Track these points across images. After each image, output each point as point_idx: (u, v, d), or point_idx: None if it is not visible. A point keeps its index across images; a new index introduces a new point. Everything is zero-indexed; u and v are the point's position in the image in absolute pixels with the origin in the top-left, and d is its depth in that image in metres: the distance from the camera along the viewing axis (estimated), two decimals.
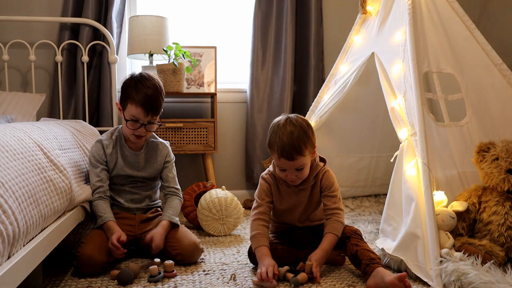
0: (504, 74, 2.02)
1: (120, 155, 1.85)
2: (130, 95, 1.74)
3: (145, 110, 1.73)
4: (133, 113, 1.74)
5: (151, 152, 1.90)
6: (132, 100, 1.73)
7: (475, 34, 2.06)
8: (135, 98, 1.72)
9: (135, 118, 1.74)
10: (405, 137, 1.79)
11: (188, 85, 2.91)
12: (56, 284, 1.54)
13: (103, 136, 1.86)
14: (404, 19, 1.99)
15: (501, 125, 1.95)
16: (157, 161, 1.90)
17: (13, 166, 1.17)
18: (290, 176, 1.62)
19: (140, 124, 1.75)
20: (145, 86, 1.74)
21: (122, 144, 1.86)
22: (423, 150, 1.67)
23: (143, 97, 1.72)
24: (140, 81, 1.75)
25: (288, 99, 2.97)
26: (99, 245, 1.65)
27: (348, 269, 1.69)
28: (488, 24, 3.17)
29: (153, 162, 1.89)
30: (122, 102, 1.79)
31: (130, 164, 1.86)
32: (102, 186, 1.80)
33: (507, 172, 1.72)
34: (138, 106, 1.72)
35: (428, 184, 1.60)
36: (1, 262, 1.01)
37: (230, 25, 3.15)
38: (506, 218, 1.68)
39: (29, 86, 2.76)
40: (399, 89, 1.89)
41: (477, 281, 1.37)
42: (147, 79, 1.76)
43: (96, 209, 1.76)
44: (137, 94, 1.72)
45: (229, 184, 3.00)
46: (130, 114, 1.75)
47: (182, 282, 1.56)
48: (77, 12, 2.74)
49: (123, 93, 1.77)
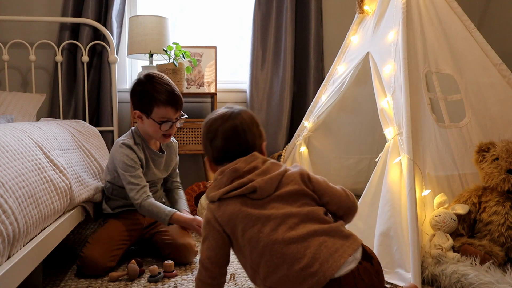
0: (504, 74, 2.02)
1: (150, 159, 1.82)
2: (153, 98, 1.70)
3: (174, 106, 1.72)
4: (163, 114, 1.71)
5: (169, 150, 1.92)
6: (158, 102, 1.69)
7: (474, 34, 2.05)
8: (160, 98, 1.69)
9: (166, 118, 1.72)
10: (391, 137, 1.79)
11: (188, 85, 2.91)
12: (56, 284, 1.54)
13: (127, 140, 1.76)
14: (398, 19, 1.99)
15: (501, 126, 1.95)
16: (173, 158, 1.93)
17: (13, 166, 1.17)
18: None
19: (171, 123, 1.74)
20: (163, 83, 1.71)
21: (149, 147, 1.82)
22: (409, 150, 1.66)
23: (167, 95, 1.70)
24: (154, 82, 1.72)
25: (288, 99, 2.97)
26: (105, 249, 1.65)
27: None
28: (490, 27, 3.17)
29: (171, 160, 1.92)
30: (145, 108, 1.73)
31: (157, 166, 1.86)
32: (146, 186, 1.73)
33: (507, 172, 1.72)
34: (166, 105, 1.70)
35: (412, 183, 1.59)
36: (1, 262, 1.01)
37: (230, 25, 3.15)
38: (506, 218, 1.68)
39: (29, 86, 2.75)
40: (389, 89, 1.89)
41: (477, 281, 1.37)
42: (159, 77, 1.74)
43: (151, 209, 1.69)
44: (160, 94, 1.69)
45: None
46: (160, 117, 1.71)
47: (182, 282, 1.56)
48: (77, 12, 2.74)
49: (142, 99, 1.73)
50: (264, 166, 1.09)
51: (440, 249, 1.57)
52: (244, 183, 1.06)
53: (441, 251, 1.55)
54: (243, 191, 1.05)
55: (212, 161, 1.17)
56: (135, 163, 1.74)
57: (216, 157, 1.15)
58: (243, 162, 1.09)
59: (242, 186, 1.05)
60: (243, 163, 1.09)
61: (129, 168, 1.72)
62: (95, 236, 1.71)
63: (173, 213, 1.69)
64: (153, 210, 1.69)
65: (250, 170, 1.08)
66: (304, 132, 2.71)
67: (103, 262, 1.61)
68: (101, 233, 1.73)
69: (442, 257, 1.52)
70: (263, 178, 1.06)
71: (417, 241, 1.47)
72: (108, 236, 1.71)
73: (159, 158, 1.86)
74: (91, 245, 1.65)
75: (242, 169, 1.08)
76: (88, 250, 1.62)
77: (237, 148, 1.13)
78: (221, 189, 1.08)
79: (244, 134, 1.13)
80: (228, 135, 1.13)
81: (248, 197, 1.05)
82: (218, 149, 1.14)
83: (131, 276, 1.56)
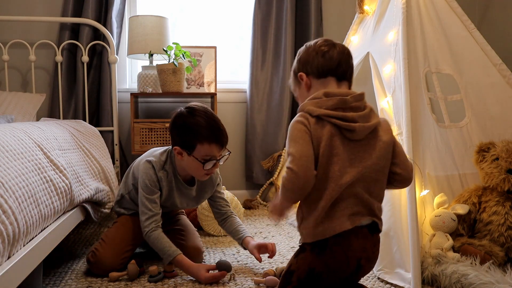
0: (504, 74, 2.02)
1: (176, 189, 1.70)
2: (196, 134, 1.55)
3: (219, 143, 1.58)
4: (207, 152, 1.56)
5: (205, 182, 1.75)
6: (202, 139, 1.55)
7: (474, 34, 2.05)
8: (204, 135, 1.55)
9: (209, 156, 1.57)
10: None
11: (188, 85, 2.91)
12: (56, 284, 1.54)
13: (156, 161, 1.66)
14: (398, 19, 1.99)
15: (501, 126, 1.95)
16: (209, 191, 1.79)
17: (13, 166, 1.17)
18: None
19: (215, 161, 1.60)
20: (207, 118, 1.56)
21: (177, 178, 1.69)
22: (409, 150, 1.66)
23: (212, 131, 1.55)
24: (197, 115, 1.56)
25: (288, 99, 2.97)
26: (118, 251, 1.65)
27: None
28: (490, 27, 3.17)
29: (206, 193, 1.78)
30: (186, 145, 1.58)
31: (185, 196, 1.74)
32: (158, 214, 1.63)
33: (507, 172, 1.72)
34: (211, 143, 1.55)
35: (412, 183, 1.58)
36: (1, 262, 1.01)
37: (230, 25, 3.15)
38: (506, 218, 1.68)
39: (29, 86, 2.75)
40: (389, 89, 1.89)
41: (477, 281, 1.37)
42: (202, 110, 1.58)
43: (156, 242, 1.59)
44: (205, 130, 1.55)
45: (229, 184, 3.00)
46: (204, 155, 1.56)
47: (182, 282, 1.56)
48: (77, 12, 2.74)
49: (183, 135, 1.58)
50: (366, 111, 1.14)
51: (440, 249, 1.57)
52: (347, 119, 1.11)
53: (441, 251, 1.55)
54: (342, 125, 1.10)
55: (315, 73, 1.21)
56: (156, 187, 1.64)
57: (326, 69, 1.19)
58: (353, 97, 1.14)
59: (344, 120, 1.10)
60: (352, 98, 1.13)
61: (147, 190, 1.63)
62: (109, 234, 1.70)
63: (176, 255, 1.57)
64: (157, 245, 1.59)
65: (355, 108, 1.13)
66: None
67: (115, 263, 1.63)
68: (115, 232, 1.71)
69: (442, 257, 1.52)
70: (364, 124, 1.11)
71: (417, 241, 1.47)
72: (120, 236, 1.70)
73: (187, 190, 1.73)
74: (105, 245, 1.65)
75: (349, 104, 1.13)
76: (102, 250, 1.63)
77: (345, 68, 1.20)
78: (323, 109, 1.12)
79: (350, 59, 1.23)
80: (344, 51, 1.22)
81: (342, 131, 1.11)
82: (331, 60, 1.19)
83: (131, 276, 1.56)
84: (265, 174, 2.98)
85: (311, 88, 1.21)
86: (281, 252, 1.90)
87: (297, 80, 1.25)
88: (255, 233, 2.23)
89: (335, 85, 1.19)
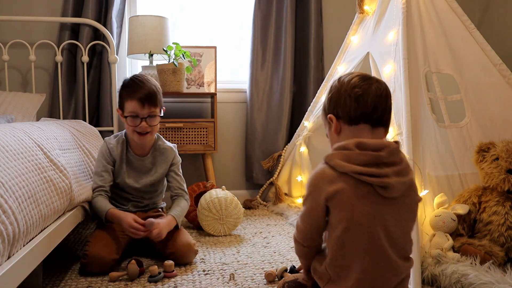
0: (504, 74, 2.02)
1: (126, 161, 1.86)
2: (124, 94, 1.78)
3: (141, 102, 1.73)
4: (130, 108, 1.75)
5: (159, 156, 1.89)
6: (127, 97, 1.76)
7: (474, 34, 2.05)
8: (129, 94, 1.75)
9: (133, 113, 1.75)
10: (391, 137, 1.79)
11: (188, 85, 2.91)
12: (56, 284, 1.54)
13: (108, 138, 1.87)
14: (398, 19, 1.99)
15: (501, 126, 1.95)
16: (163, 165, 1.90)
17: (13, 166, 1.17)
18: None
19: (140, 119, 1.75)
20: (136, 81, 1.77)
21: (128, 150, 1.86)
22: (409, 150, 1.66)
23: (135, 90, 1.74)
24: (130, 80, 1.79)
25: (288, 99, 2.97)
26: (107, 244, 1.67)
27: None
28: (490, 27, 3.17)
29: (160, 167, 1.89)
30: (120, 105, 1.81)
31: (136, 169, 1.86)
32: (104, 186, 1.79)
33: (507, 172, 1.72)
34: (133, 99, 1.74)
35: None
36: (1, 262, 1.01)
37: (230, 25, 3.15)
38: (506, 218, 1.68)
39: (29, 86, 2.75)
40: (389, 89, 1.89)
41: (477, 281, 1.37)
42: (136, 77, 1.80)
43: (95, 205, 1.75)
44: (130, 90, 1.76)
45: (229, 184, 3.00)
46: (129, 111, 1.76)
47: (182, 282, 1.56)
48: (77, 12, 2.74)
49: (119, 97, 1.82)
50: (401, 166, 1.06)
51: (440, 249, 1.57)
52: (379, 175, 1.02)
53: (441, 251, 1.55)
54: (373, 182, 1.02)
55: (346, 119, 1.10)
56: (105, 160, 1.81)
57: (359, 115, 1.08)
58: (387, 152, 1.03)
59: (375, 176, 1.02)
60: (386, 152, 1.03)
61: (98, 163, 1.82)
62: (95, 235, 1.72)
63: (108, 209, 1.71)
64: (95, 206, 1.75)
65: (390, 163, 1.04)
66: (304, 132, 2.71)
67: (109, 255, 1.64)
68: (99, 231, 1.74)
69: (442, 257, 1.52)
70: (399, 179, 1.03)
71: (417, 241, 1.47)
72: (106, 232, 1.73)
73: (139, 162, 1.86)
74: (94, 243, 1.66)
75: (383, 160, 1.03)
76: (92, 247, 1.64)
77: (381, 113, 1.08)
78: (354, 166, 1.02)
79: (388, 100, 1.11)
80: (382, 93, 1.09)
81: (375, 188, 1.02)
82: (365, 106, 1.07)
83: (131, 276, 1.56)
84: (265, 174, 2.98)
85: (341, 133, 1.11)
86: (281, 252, 1.90)
87: (326, 120, 1.15)
88: (255, 233, 2.23)
89: (368, 133, 1.08)
